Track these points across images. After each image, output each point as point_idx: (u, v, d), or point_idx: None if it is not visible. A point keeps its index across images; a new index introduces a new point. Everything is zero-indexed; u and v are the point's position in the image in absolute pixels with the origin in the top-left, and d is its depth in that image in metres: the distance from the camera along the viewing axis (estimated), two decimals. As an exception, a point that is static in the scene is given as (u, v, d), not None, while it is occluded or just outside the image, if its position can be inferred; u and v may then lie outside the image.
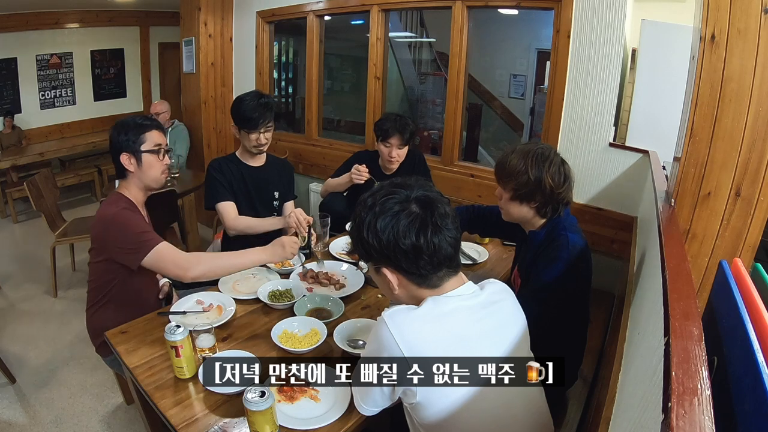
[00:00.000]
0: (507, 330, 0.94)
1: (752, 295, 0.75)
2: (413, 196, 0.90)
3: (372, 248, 0.89)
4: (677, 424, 0.47)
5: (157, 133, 1.50)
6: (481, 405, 0.86)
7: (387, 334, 0.84)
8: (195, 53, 3.75)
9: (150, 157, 1.48)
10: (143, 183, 1.51)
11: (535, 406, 0.96)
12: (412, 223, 0.86)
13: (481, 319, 0.91)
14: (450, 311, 0.88)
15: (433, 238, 0.86)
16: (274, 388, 1.08)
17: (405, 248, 0.86)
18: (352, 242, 0.97)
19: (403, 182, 0.94)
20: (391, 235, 0.86)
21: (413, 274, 0.90)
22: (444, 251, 0.88)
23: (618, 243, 2.23)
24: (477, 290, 0.94)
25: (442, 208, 0.90)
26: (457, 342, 0.87)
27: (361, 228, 0.90)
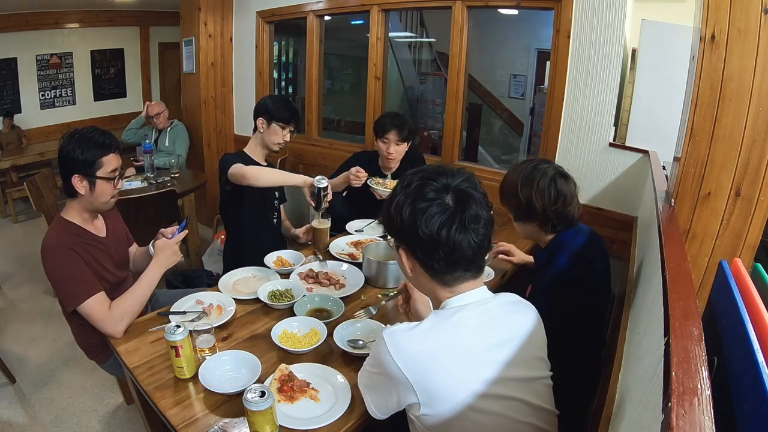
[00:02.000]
0: (518, 341, 0.90)
1: (752, 295, 0.75)
2: (453, 184, 0.87)
3: (394, 225, 0.89)
4: (677, 424, 0.47)
5: (115, 157, 1.41)
6: (489, 409, 0.84)
7: (387, 355, 0.82)
8: (195, 53, 3.75)
9: (104, 185, 1.40)
10: (92, 206, 1.45)
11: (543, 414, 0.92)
12: (438, 213, 0.84)
13: (490, 330, 0.87)
14: (455, 324, 0.85)
15: (456, 235, 0.84)
16: (274, 388, 1.08)
17: (423, 237, 0.84)
18: (382, 213, 0.96)
19: (450, 170, 0.91)
20: (414, 219, 0.85)
21: (426, 265, 0.88)
22: (463, 252, 0.85)
23: (618, 243, 2.23)
24: (490, 296, 0.92)
25: (476, 209, 0.86)
26: (461, 356, 0.84)
27: (392, 202, 0.90)
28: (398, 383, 0.83)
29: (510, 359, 0.87)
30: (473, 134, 4.60)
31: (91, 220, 1.50)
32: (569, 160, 2.31)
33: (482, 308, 0.89)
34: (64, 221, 1.43)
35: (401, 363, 0.81)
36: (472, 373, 0.83)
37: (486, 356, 0.85)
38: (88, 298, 1.31)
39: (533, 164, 1.34)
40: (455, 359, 0.83)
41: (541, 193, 1.29)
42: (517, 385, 0.87)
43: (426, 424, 0.85)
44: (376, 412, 0.94)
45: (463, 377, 0.83)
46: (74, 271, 1.33)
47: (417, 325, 0.86)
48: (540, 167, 1.33)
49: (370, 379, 0.93)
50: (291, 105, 2.00)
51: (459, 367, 0.83)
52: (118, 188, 1.45)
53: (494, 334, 0.87)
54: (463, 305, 0.88)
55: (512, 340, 0.89)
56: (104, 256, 1.49)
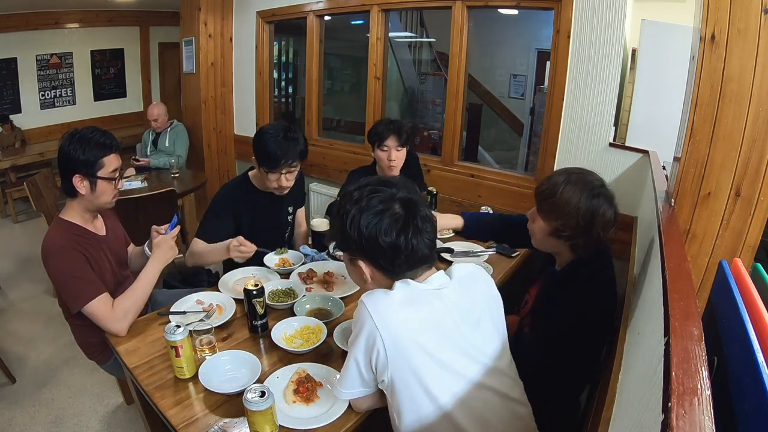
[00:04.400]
0: (481, 314, 0.97)
1: (752, 295, 0.75)
2: (398, 195, 0.93)
3: (352, 241, 0.93)
4: (677, 424, 0.47)
5: (115, 157, 1.42)
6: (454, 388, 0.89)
7: (365, 313, 0.88)
8: (195, 53, 3.75)
9: (105, 185, 1.40)
10: (93, 206, 1.45)
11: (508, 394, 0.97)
12: (394, 222, 0.90)
13: (454, 306, 0.93)
14: (423, 297, 0.92)
15: (413, 239, 0.90)
16: (290, 390, 1.08)
17: (384, 246, 0.90)
18: (332, 230, 1.01)
19: (388, 181, 0.97)
20: (373, 231, 0.90)
21: (387, 270, 0.94)
22: (421, 252, 0.92)
23: (618, 243, 2.22)
24: (447, 280, 0.97)
25: (423, 211, 0.94)
26: (432, 328, 0.90)
27: (345, 219, 0.93)
28: (368, 329, 0.87)
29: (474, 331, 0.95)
30: (473, 134, 4.60)
31: (91, 220, 1.50)
32: (569, 160, 2.31)
33: (445, 290, 0.95)
34: (64, 222, 1.43)
35: (378, 320, 0.87)
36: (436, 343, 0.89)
37: (453, 331, 0.92)
38: (92, 299, 1.31)
39: (592, 185, 1.20)
40: (428, 328, 0.90)
41: (605, 222, 1.18)
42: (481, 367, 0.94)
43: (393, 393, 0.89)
44: (341, 390, 0.97)
45: (429, 343, 0.88)
46: (78, 271, 1.33)
47: (390, 292, 0.91)
48: (602, 191, 1.19)
49: (350, 344, 0.96)
50: (276, 142, 1.65)
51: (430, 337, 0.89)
52: (118, 188, 1.46)
53: (460, 311, 0.94)
54: (428, 287, 0.94)
55: (475, 313, 0.97)
56: (105, 256, 1.49)
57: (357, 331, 0.91)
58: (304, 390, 1.08)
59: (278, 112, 4.59)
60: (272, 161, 1.66)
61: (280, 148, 1.64)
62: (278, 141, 1.65)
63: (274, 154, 1.65)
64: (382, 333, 0.86)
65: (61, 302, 1.51)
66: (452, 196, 2.75)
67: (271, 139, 1.66)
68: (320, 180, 3.45)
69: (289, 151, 1.66)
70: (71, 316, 1.45)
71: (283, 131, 1.68)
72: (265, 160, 1.68)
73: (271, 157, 1.65)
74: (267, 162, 1.68)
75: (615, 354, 1.13)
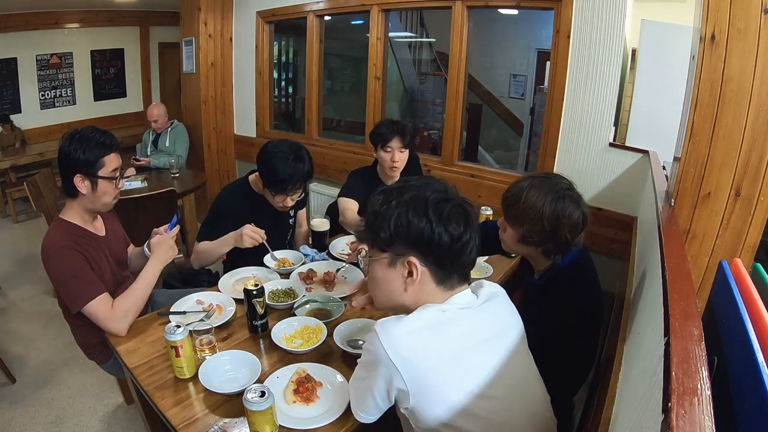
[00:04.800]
0: (504, 332, 0.94)
1: (752, 295, 0.75)
2: (450, 193, 0.89)
3: (413, 232, 0.83)
4: (677, 424, 0.47)
5: (116, 156, 1.41)
6: (480, 411, 0.85)
7: (380, 349, 0.82)
8: (195, 53, 3.75)
9: (106, 184, 1.40)
10: (93, 206, 1.44)
11: (536, 407, 0.96)
12: (461, 214, 0.85)
13: (477, 326, 0.90)
14: (442, 322, 0.86)
15: (475, 235, 0.86)
16: (290, 390, 1.08)
17: (453, 236, 0.83)
18: (375, 223, 0.88)
19: (435, 180, 0.92)
20: (440, 221, 0.83)
21: (443, 269, 0.87)
22: (476, 253, 0.88)
23: (618, 243, 2.23)
24: (473, 299, 0.92)
25: (473, 207, 0.90)
26: (454, 350, 0.85)
27: (404, 208, 0.84)
28: (385, 367, 0.82)
29: (499, 350, 0.89)
30: (473, 134, 4.60)
31: (90, 221, 1.50)
32: (569, 160, 2.31)
33: (472, 309, 0.90)
34: (65, 222, 1.43)
35: (393, 355, 0.81)
36: (461, 370, 0.85)
37: (477, 351, 0.87)
38: (92, 299, 1.31)
39: (557, 187, 1.18)
40: (448, 353, 0.84)
41: (572, 225, 1.16)
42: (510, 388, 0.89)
43: (418, 419, 0.86)
44: (361, 414, 0.94)
45: (453, 373, 0.84)
46: (78, 271, 1.33)
47: (405, 318, 0.85)
48: (567, 193, 1.17)
49: (361, 369, 0.93)
50: (289, 165, 1.61)
51: (451, 362, 0.84)
52: (119, 188, 1.45)
53: (485, 329, 0.90)
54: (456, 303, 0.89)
55: (500, 335, 0.92)
56: (105, 256, 1.49)
57: (372, 364, 0.85)
58: (304, 390, 1.08)
59: (278, 112, 4.59)
60: (279, 186, 1.66)
61: (287, 174, 1.63)
62: (286, 165, 1.63)
63: (281, 179, 1.64)
64: (401, 370, 0.80)
65: (61, 302, 1.50)
66: (452, 196, 2.75)
67: (279, 163, 1.63)
68: (320, 180, 3.45)
69: (295, 175, 1.65)
70: (71, 316, 1.45)
71: (291, 154, 1.65)
72: (271, 184, 1.68)
73: (278, 182, 1.65)
74: (273, 186, 1.68)
75: (615, 354, 1.13)
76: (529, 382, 0.96)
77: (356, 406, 0.95)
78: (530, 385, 0.96)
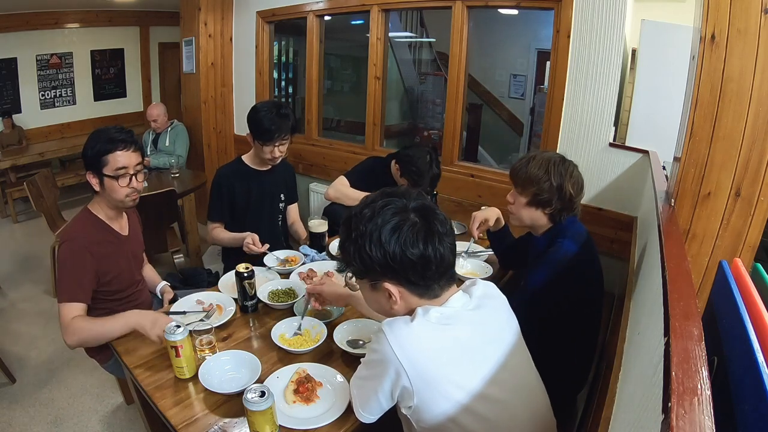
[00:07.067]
0: (503, 333, 0.95)
1: (752, 295, 0.75)
2: (410, 205, 0.89)
3: (375, 262, 0.86)
4: (677, 424, 0.47)
5: (124, 154, 1.37)
6: (482, 411, 0.85)
7: (387, 347, 0.83)
8: (195, 53, 3.75)
9: (111, 182, 1.38)
10: (110, 203, 1.45)
11: (537, 407, 0.96)
12: (417, 233, 0.85)
13: (477, 327, 0.91)
14: (444, 323, 0.87)
15: (439, 246, 0.86)
16: (290, 390, 1.08)
17: (413, 258, 0.84)
18: (345, 257, 0.92)
19: (395, 191, 0.92)
20: (397, 246, 0.84)
21: (418, 286, 0.88)
22: (447, 259, 0.88)
23: (618, 243, 2.23)
24: (467, 300, 0.94)
25: (440, 215, 0.90)
26: (457, 351, 0.86)
27: (362, 241, 0.86)
28: (392, 365, 0.83)
29: (499, 348, 0.91)
30: (473, 134, 4.60)
31: (115, 218, 1.50)
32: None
33: (468, 308, 0.92)
34: (91, 215, 1.44)
35: (400, 353, 0.82)
36: (464, 369, 0.86)
37: (481, 349, 0.89)
38: (67, 302, 1.33)
39: (558, 155, 1.38)
40: (454, 352, 0.86)
41: (575, 182, 1.33)
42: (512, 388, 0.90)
43: (419, 419, 0.86)
44: (363, 414, 0.95)
45: (456, 373, 0.85)
46: (75, 270, 1.34)
47: (411, 318, 0.88)
48: (566, 160, 1.37)
49: (366, 367, 0.94)
50: (270, 118, 1.83)
51: (458, 360, 0.86)
52: (133, 187, 1.42)
53: (483, 328, 0.92)
54: (452, 305, 0.91)
55: (498, 332, 0.94)
56: (122, 255, 1.49)
57: (378, 363, 0.87)
58: (304, 390, 1.08)
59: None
60: (267, 135, 1.85)
61: (273, 124, 1.83)
62: (272, 117, 1.83)
63: (268, 130, 1.84)
64: (407, 368, 0.82)
65: None
66: (452, 196, 2.75)
67: (265, 116, 1.84)
68: (320, 180, 3.45)
69: (281, 126, 1.85)
70: None
71: (275, 108, 1.85)
72: (260, 135, 1.87)
73: (266, 131, 1.84)
74: (262, 136, 1.87)
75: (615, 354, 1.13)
76: (530, 381, 0.97)
77: (359, 405, 0.95)
78: (531, 384, 0.97)
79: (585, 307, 1.37)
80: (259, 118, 1.84)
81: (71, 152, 4.88)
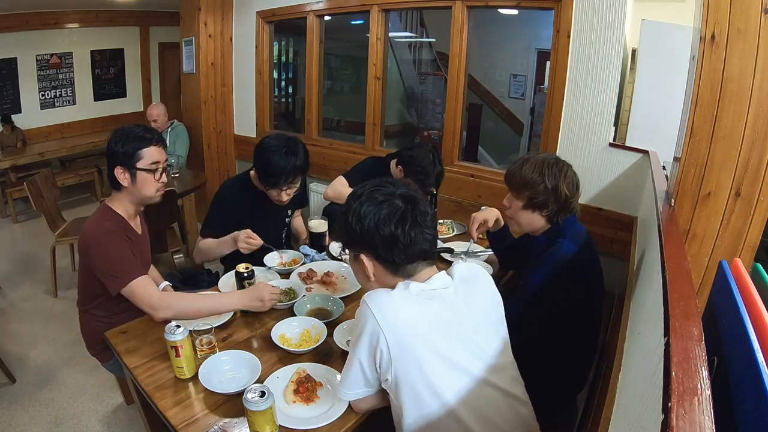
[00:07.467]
0: (479, 312, 0.99)
1: (752, 295, 0.75)
2: (398, 192, 0.97)
3: (353, 233, 0.96)
4: (677, 424, 0.47)
5: (156, 149, 1.43)
6: (456, 382, 0.90)
7: (367, 312, 0.89)
8: (195, 53, 3.75)
9: (145, 175, 1.42)
10: (137, 199, 1.47)
11: (511, 392, 0.98)
12: (393, 213, 0.94)
13: (457, 305, 0.95)
14: (425, 297, 0.93)
15: (410, 231, 0.93)
16: (290, 390, 1.08)
17: (383, 234, 0.93)
18: (337, 229, 1.04)
19: (388, 180, 1.02)
20: (372, 221, 0.94)
21: (387, 262, 0.96)
22: (419, 246, 0.95)
23: (618, 243, 2.23)
24: (448, 280, 0.99)
25: (423, 206, 0.98)
26: (435, 326, 0.91)
27: (348, 214, 0.97)
28: (372, 329, 0.89)
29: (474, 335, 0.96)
30: (473, 134, 4.60)
31: (133, 216, 1.52)
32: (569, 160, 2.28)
33: (448, 290, 0.97)
34: (110, 210, 1.46)
35: (381, 319, 0.88)
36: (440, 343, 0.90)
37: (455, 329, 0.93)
38: (137, 278, 1.33)
39: (552, 156, 1.38)
40: (432, 325, 0.91)
41: (569, 183, 1.32)
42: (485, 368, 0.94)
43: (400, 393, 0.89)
44: (345, 391, 0.98)
45: (432, 342, 0.90)
46: (123, 253, 1.36)
47: (391, 290, 0.94)
48: (560, 161, 1.36)
49: (351, 346, 0.97)
50: (279, 162, 1.64)
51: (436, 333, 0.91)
52: (161, 181, 1.47)
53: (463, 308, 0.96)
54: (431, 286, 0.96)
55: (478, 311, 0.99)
56: (137, 252, 1.50)
57: (360, 331, 0.92)
58: (304, 390, 1.08)
59: (278, 112, 4.59)
60: (271, 179, 1.70)
61: (280, 167, 1.66)
62: (279, 158, 1.66)
63: (274, 173, 1.67)
64: (386, 332, 0.87)
65: (80, 291, 1.53)
66: (452, 196, 2.75)
67: (272, 156, 1.66)
68: (320, 180, 3.45)
69: (288, 169, 1.67)
70: (89, 308, 1.48)
71: (285, 147, 1.68)
72: (265, 178, 1.72)
73: (271, 175, 1.69)
74: (266, 179, 1.72)
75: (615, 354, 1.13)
76: (505, 363, 1.00)
77: (342, 383, 0.99)
78: (505, 366, 1.00)
79: (585, 306, 1.36)
80: (265, 156, 1.66)
81: (71, 152, 4.88)
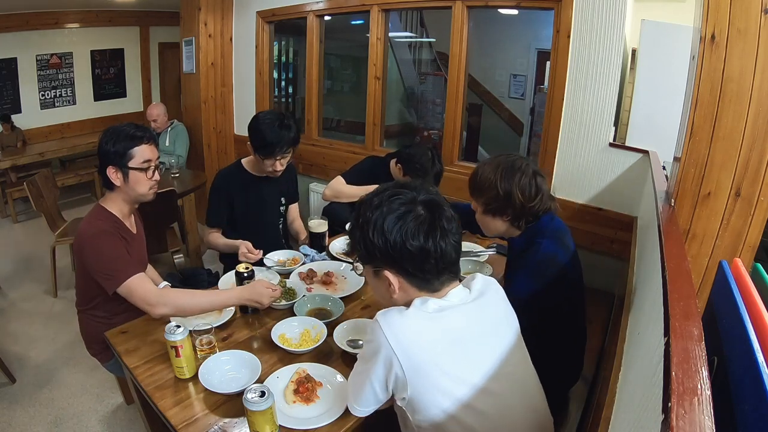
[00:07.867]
0: (500, 327, 0.95)
1: (752, 295, 0.75)
2: (419, 198, 0.89)
3: (377, 249, 0.87)
4: (677, 424, 0.47)
5: (148, 147, 1.43)
6: (479, 405, 0.86)
7: (380, 335, 0.84)
8: (195, 53, 3.75)
9: (138, 174, 1.42)
10: (130, 197, 1.47)
11: (533, 403, 0.96)
12: (420, 225, 0.86)
13: (475, 320, 0.91)
14: (441, 314, 0.87)
15: (441, 241, 0.86)
16: (290, 390, 1.08)
17: (412, 250, 0.85)
18: (352, 242, 0.95)
19: (407, 183, 0.94)
20: (399, 236, 0.85)
21: (416, 278, 0.89)
22: (449, 256, 0.88)
23: (618, 243, 2.23)
24: (466, 294, 0.94)
25: (447, 211, 0.90)
26: (451, 345, 0.86)
27: (366, 227, 0.88)
28: (385, 353, 0.84)
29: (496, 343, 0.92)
30: (473, 134, 4.60)
31: (127, 215, 1.52)
32: (569, 160, 2.31)
33: (466, 302, 0.92)
34: (104, 210, 1.45)
35: (394, 342, 0.83)
36: (459, 362, 0.86)
37: (475, 344, 0.89)
38: (132, 276, 1.32)
39: (511, 159, 1.30)
40: (447, 344, 0.86)
41: (522, 189, 1.25)
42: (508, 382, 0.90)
43: (416, 416, 0.86)
44: (357, 408, 0.95)
45: (451, 365, 0.85)
46: (118, 252, 1.36)
47: (406, 309, 0.88)
48: (518, 163, 1.29)
49: (361, 361, 0.94)
50: (272, 130, 1.75)
51: (451, 352, 0.86)
52: (154, 179, 1.46)
53: (481, 322, 0.92)
54: (451, 300, 0.90)
55: (495, 325, 0.94)
56: (133, 252, 1.50)
57: (372, 352, 0.87)
58: (304, 390, 1.08)
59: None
60: (268, 149, 1.79)
61: (275, 137, 1.77)
62: (273, 130, 1.77)
63: (269, 143, 1.77)
64: (399, 356, 0.82)
65: (78, 292, 1.52)
66: (452, 196, 2.74)
67: (267, 129, 1.77)
68: (320, 180, 3.45)
69: (283, 140, 1.78)
70: (87, 309, 1.48)
71: (278, 120, 1.79)
72: (262, 148, 1.81)
73: (267, 145, 1.78)
74: (263, 150, 1.81)
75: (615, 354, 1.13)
76: (526, 376, 0.97)
77: (353, 398, 0.96)
78: (527, 379, 0.97)
79: (570, 305, 1.35)
80: (260, 129, 1.77)
81: (71, 152, 4.88)
